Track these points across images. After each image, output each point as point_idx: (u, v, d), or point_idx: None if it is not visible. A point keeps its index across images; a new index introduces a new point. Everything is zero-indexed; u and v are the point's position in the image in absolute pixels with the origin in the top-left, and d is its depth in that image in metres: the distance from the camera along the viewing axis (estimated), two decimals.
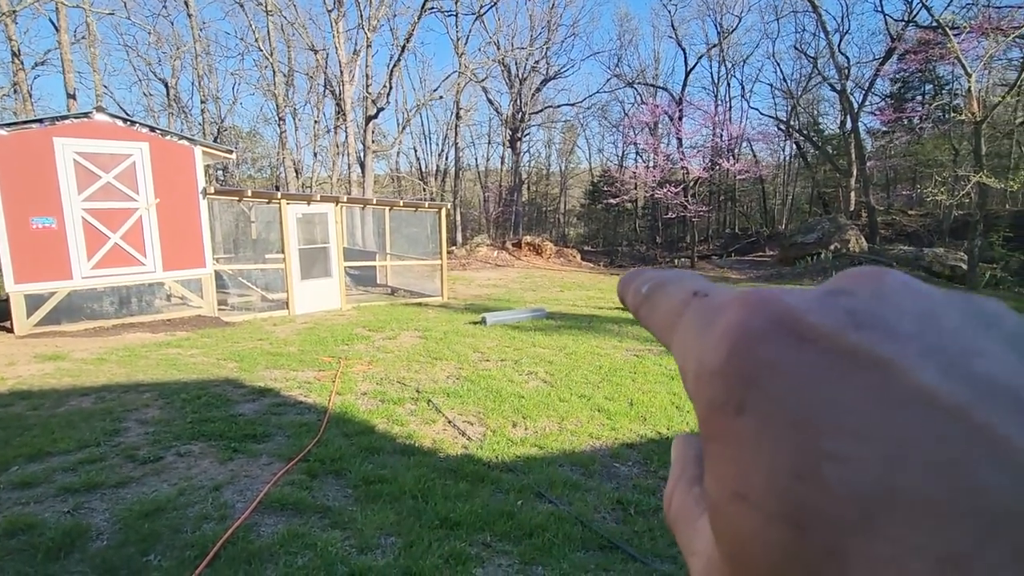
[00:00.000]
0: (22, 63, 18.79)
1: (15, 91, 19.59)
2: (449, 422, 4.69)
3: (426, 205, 12.45)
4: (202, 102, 24.90)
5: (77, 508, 3.09)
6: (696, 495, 0.20)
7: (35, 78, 23.79)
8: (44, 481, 3.39)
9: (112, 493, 3.28)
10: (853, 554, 0.13)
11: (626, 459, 4.04)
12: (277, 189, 20.64)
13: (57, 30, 17.14)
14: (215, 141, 25.49)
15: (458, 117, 27.43)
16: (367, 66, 21.72)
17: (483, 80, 27.32)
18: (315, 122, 26.88)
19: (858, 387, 0.15)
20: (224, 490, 3.35)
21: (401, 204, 12.71)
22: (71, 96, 16.93)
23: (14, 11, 16.02)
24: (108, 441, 4.01)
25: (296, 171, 27.13)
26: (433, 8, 21.66)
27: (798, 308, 0.17)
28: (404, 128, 25.54)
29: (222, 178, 28.06)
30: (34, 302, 8.07)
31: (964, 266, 15.81)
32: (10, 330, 7.95)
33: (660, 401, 5.23)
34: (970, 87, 14.36)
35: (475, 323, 9.03)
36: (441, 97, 25.68)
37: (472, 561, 2.71)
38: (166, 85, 25.59)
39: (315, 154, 27.31)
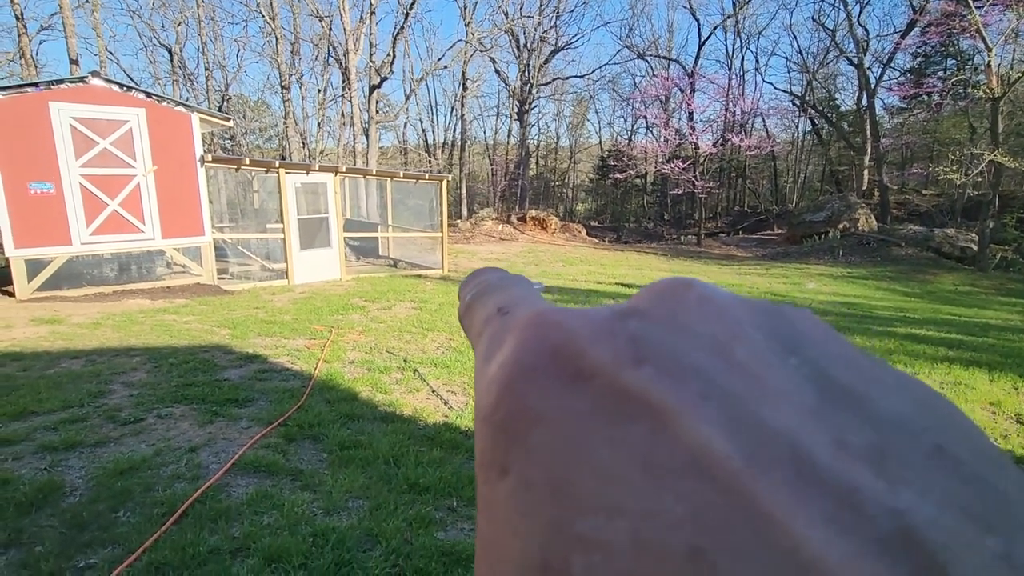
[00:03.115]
0: (26, 27, 18.67)
1: (20, 56, 19.51)
2: (433, 391, 4.71)
3: (427, 177, 12.36)
4: (206, 69, 24.70)
5: (54, 465, 3.15)
6: None
7: (40, 43, 23.68)
8: (25, 439, 3.45)
9: (90, 452, 3.34)
10: None
11: None
12: (283, 158, 20.59)
13: None
14: (220, 109, 25.36)
15: (465, 88, 27.03)
16: (371, 34, 21.37)
17: (490, 50, 26.85)
18: (319, 91, 26.62)
19: (625, 443, 0.12)
20: (200, 452, 3.40)
21: (401, 175, 12.61)
22: (74, 62, 16.84)
23: None
24: (92, 402, 4.07)
25: (302, 141, 27.01)
26: None
27: (581, 335, 0.14)
28: (409, 98, 25.25)
29: (229, 147, 28.01)
30: (35, 267, 8.15)
31: (975, 247, 15.53)
32: (12, 295, 8.05)
33: None
34: (989, 62, 13.90)
35: None
36: (446, 67, 25.31)
37: (435, 524, 2.74)
38: (170, 52, 25.37)
39: (319, 124, 27.11)
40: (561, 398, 0.13)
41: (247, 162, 9.98)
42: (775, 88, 33.73)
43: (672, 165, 22.63)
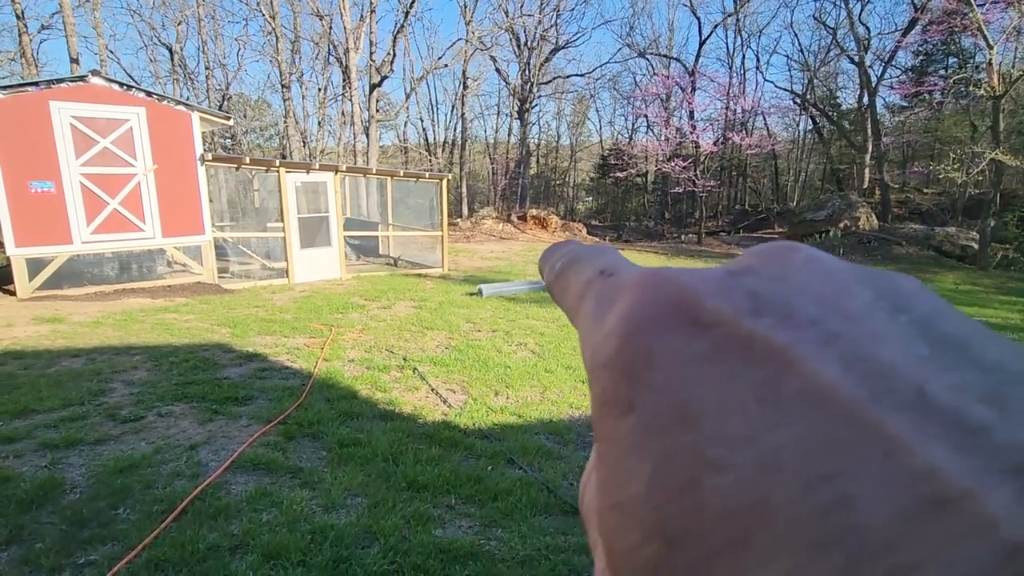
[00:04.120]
0: (26, 26, 18.68)
1: (21, 55, 19.53)
2: (432, 390, 4.73)
3: (427, 176, 12.36)
4: (207, 68, 24.71)
5: (55, 463, 3.17)
6: None
7: (40, 42, 23.66)
8: (26, 437, 3.47)
9: (90, 450, 3.35)
10: None
11: None
12: (283, 157, 20.59)
13: None
14: (220, 108, 25.37)
15: (465, 87, 27.01)
16: (372, 33, 21.37)
17: (490, 48, 26.83)
18: (320, 90, 26.63)
19: (749, 381, 0.13)
20: (200, 449, 3.41)
21: (402, 174, 12.62)
22: (74, 61, 16.85)
23: None
24: (93, 400, 4.08)
25: (303, 140, 27.01)
26: None
27: (697, 290, 0.15)
28: (409, 97, 25.25)
29: (230, 146, 28.03)
30: (35, 266, 8.16)
31: (976, 246, 15.51)
32: (13, 293, 8.07)
33: None
34: (990, 60, 13.87)
35: (471, 295, 9.04)
36: (447, 65, 25.30)
37: (433, 522, 2.75)
38: (170, 50, 25.38)
39: (319, 123, 27.12)
40: (682, 342, 0.14)
41: (247, 161, 9.99)
42: (776, 86, 33.78)
43: (673, 164, 22.61)
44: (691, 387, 0.13)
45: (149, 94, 8.92)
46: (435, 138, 33.73)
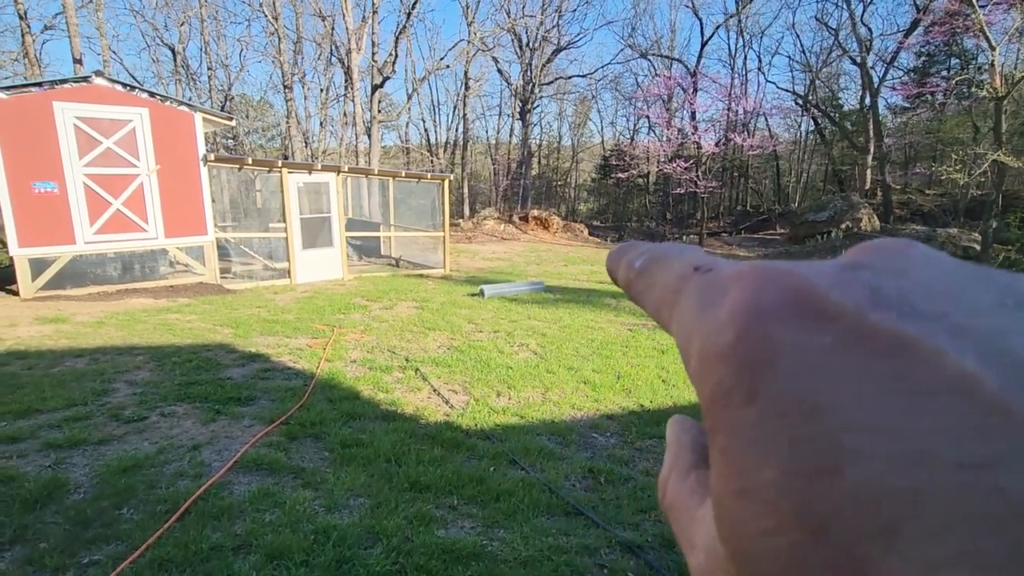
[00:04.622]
0: (29, 27, 18.73)
1: (24, 55, 19.58)
2: (434, 390, 4.73)
3: (429, 176, 12.37)
4: (209, 69, 24.76)
5: (58, 463, 3.18)
6: (693, 483, 0.18)
7: (44, 43, 23.76)
8: (30, 437, 3.48)
9: (94, 450, 3.36)
10: (874, 563, 0.12)
11: (605, 430, 4.06)
12: (285, 158, 20.62)
13: None
14: (223, 109, 25.42)
15: (467, 87, 27.03)
16: (374, 33, 21.40)
17: (492, 49, 26.84)
18: (322, 91, 26.67)
19: (883, 373, 0.13)
20: (203, 450, 3.42)
21: (403, 175, 12.63)
22: (77, 61, 16.88)
23: None
24: (96, 401, 4.10)
25: (305, 140, 27.05)
26: None
27: (817, 283, 0.15)
28: (411, 97, 25.27)
29: (232, 146, 28.07)
30: (39, 266, 8.19)
31: (978, 247, 15.48)
32: (16, 293, 8.10)
33: (647, 375, 5.23)
34: (993, 61, 13.85)
35: (473, 295, 9.04)
36: (448, 66, 25.31)
37: (436, 522, 2.76)
38: (173, 51, 25.43)
39: (321, 124, 27.15)
40: (805, 333, 0.14)
41: (250, 162, 10.01)
42: (778, 87, 33.75)
43: (674, 165, 22.60)
44: (819, 378, 0.13)
45: (152, 95, 8.94)
46: (437, 139, 33.78)
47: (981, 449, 0.11)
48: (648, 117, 28.69)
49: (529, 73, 27.76)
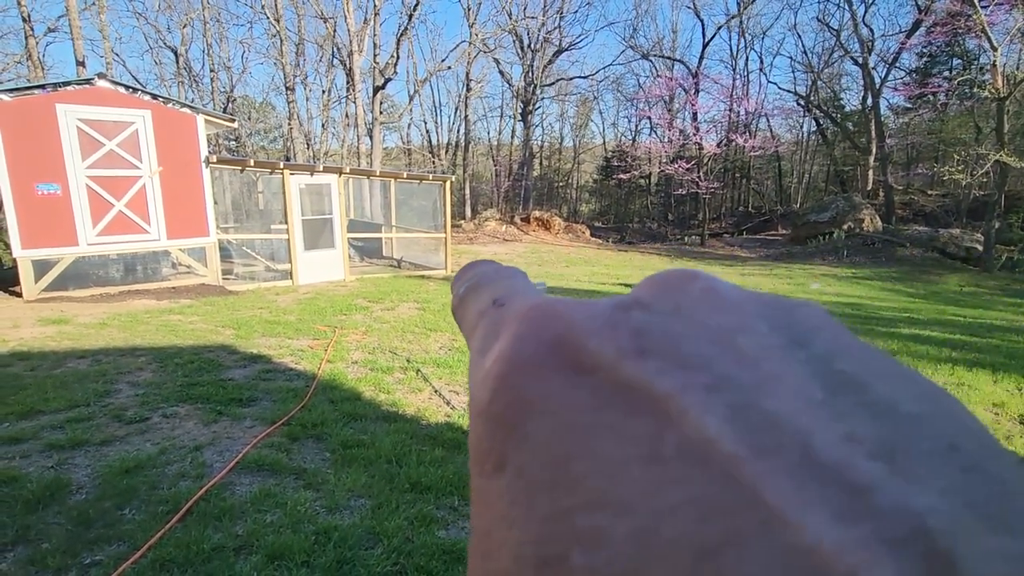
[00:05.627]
0: (32, 29, 18.81)
1: (27, 58, 19.65)
2: (435, 391, 4.73)
3: (430, 177, 12.39)
4: (212, 71, 24.82)
5: (61, 464, 3.19)
6: None
7: (47, 45, 23.85)
8: (32, 437, 3.49)
9: (96, 450, 3.37)
10: None
11: None
12: (287, 159, 20.65)
13: None
14: (224, 111, 25.49)
15: (468, 89, 27.06)
16: (375, 35, 21.45)
17: (494, 50, 26.89)
18: (324, 92, 26.72)
19: (630, 435, 0.11)
20: (205, 450, 3.43)
21: (405, 176, 12.65)
22: (80, 63, 16.94)
23: None
24: (98, 402, 4.11)
25: (307, 142, 27.11)
26: None
27: (580, 327, 0.13)
28: (412, 99, 25.30)
29: (234, 148, 28.13)
30: (41, 268, 8.21)
31: (980, 248, 15.46)
32: (19, 295, 8.13)
33: None
34: (995, 61, 13.83)
35: None
36: (450, 68, 25.34)
37: (437, 523, 2.76)
38: (175, 53, 25.51)
39: (323, 125, 27.21)
40: (560, 390, 0.13)
41: (252, 163, 10.04)
42: (779, 88, 33.69)
43: (676, 165, 22.60)
44: (569, 442, 0.12)
45: (154, 97, 8.97)
46: (438, 140, 33.83)
47: (711, 529, 0.10)
48: (650, 118, 28.70)
49: (530, 74, 27.79)
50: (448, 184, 12.10)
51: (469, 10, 25.26)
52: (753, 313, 0.14)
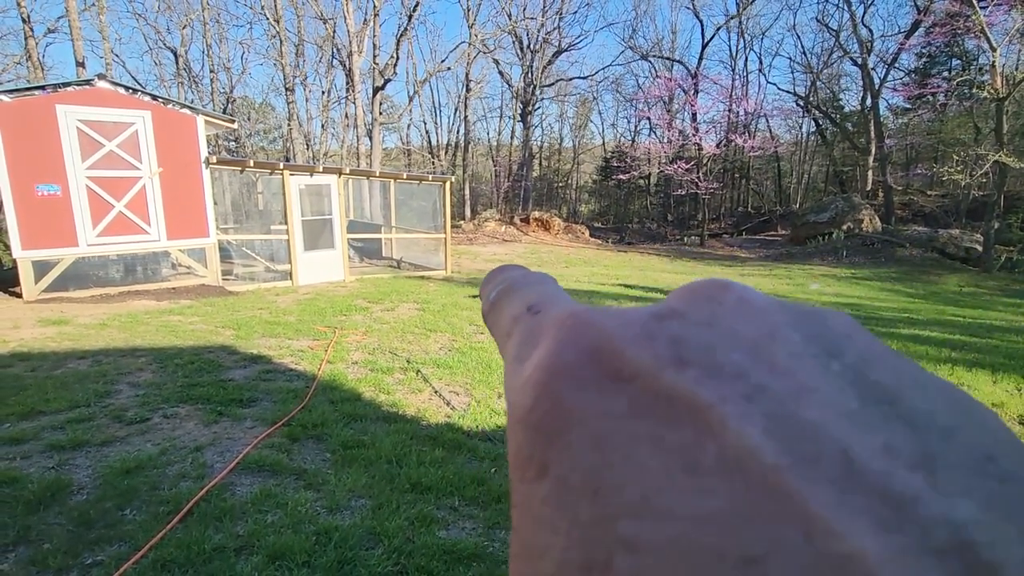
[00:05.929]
0: (32, 30, 18.81)
1: (27, 58, 19.65)
2: (435, 392, 4.74)
3: (430, 178, 12.40)
4: (211, 71, 24.83)
5: (61, 464, 3.19)
6: None
7: (47, 46, 23.86)
8: (33, 438, 3.49)
9: (96, 451, 3.38)
10: None
11: None
12: (287, 160, 20.67)
13: None
14: (224, 111, 25.49)
15: (468, 89, 27.08)
16: (375, 36, 21.46)
17: (493, 51, 26.91)
18: (323, 93, 26.73)
19: (670, 444, 0.12)
20: (205, 451, 3.44)
21: (405, 176, 12.66)
22: (80, 64, 16.95)
23: None
24: (99, 402, 4.11)
25: (306, 142, 27.11)
26: None
27: (618, 337, 0.14)
28: (412, 99, 25.31)
29: (234, 148, 28.14)
30: (42, 268, 8.22)
31: (979, 248, 15.47)
32: (19, 295, 8.13)
33: None
34: (994, 62, 13.86)
35: (474, 296, 9.05)
36: (449, 68, 25.36)
37: (438, 524, 2.77)
38: (175, 54, 25.52)
39: (323, 126, 27.21)
40: (600, 399, 0.13)
41: (251, 164, 10.05)
42: (779, 89, 33.67)
43: (675, 166, 22.62)
44: (608, 450, 0.12)
45: (154, 97, 8.98)
46: (438, 140, 33.84)
47: (751, 542, 0.10)
48: (649, 118, 28.73)
49: (530, 75, 27.80)
50: (448, 185, 12.11)
51: (469, 11, 25.29)
52: (786, 323, 0.14)
